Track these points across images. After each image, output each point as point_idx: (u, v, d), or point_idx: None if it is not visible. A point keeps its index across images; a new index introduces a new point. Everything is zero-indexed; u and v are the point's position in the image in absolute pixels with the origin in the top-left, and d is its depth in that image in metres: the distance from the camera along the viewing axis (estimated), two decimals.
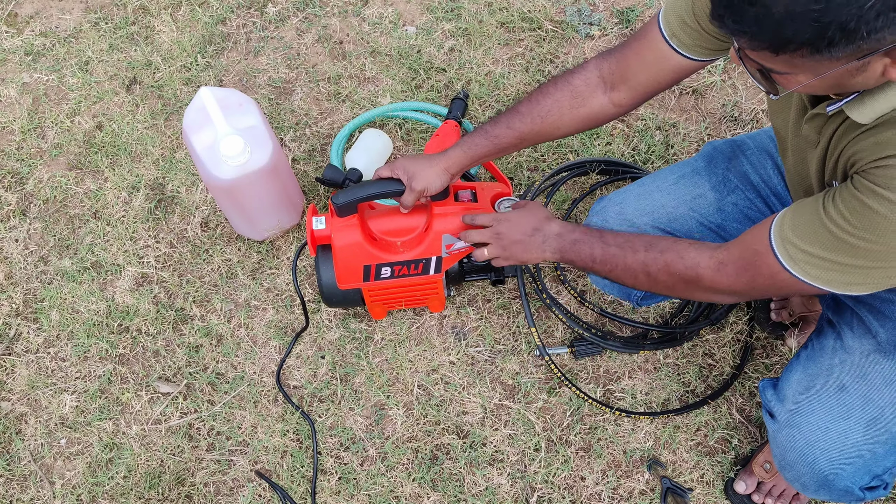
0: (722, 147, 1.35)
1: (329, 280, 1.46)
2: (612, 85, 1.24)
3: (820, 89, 0.87)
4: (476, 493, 1.47)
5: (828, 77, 0.81)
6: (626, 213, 1.32)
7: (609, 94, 1.25)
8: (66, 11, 2.06)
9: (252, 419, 1.54)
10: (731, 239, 1.30)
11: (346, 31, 1.99)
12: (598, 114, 1.27)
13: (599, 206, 1.38)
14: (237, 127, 1.45)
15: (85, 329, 1.63)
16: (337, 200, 1.38)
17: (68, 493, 1.50)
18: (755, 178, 1.30)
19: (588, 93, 1.25)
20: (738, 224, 1.29)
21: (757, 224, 1.03)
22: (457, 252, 1.47)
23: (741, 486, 1.43)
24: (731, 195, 1.29)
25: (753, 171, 1.30)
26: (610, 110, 1.26)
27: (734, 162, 1.32)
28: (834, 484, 1.12)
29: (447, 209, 1.42)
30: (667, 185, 1.33)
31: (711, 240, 1.30)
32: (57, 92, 1.93)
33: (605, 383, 1.56)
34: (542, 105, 1.28)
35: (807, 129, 1.01)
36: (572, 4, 1.99)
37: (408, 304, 1.57)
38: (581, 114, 1.27)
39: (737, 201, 1.29)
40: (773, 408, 1.19)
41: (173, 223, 1.75)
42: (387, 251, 1.44)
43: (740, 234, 1.29)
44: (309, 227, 1.42)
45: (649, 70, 1.19)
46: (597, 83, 1.24)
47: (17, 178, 1.82)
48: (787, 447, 1.14)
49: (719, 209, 1.29)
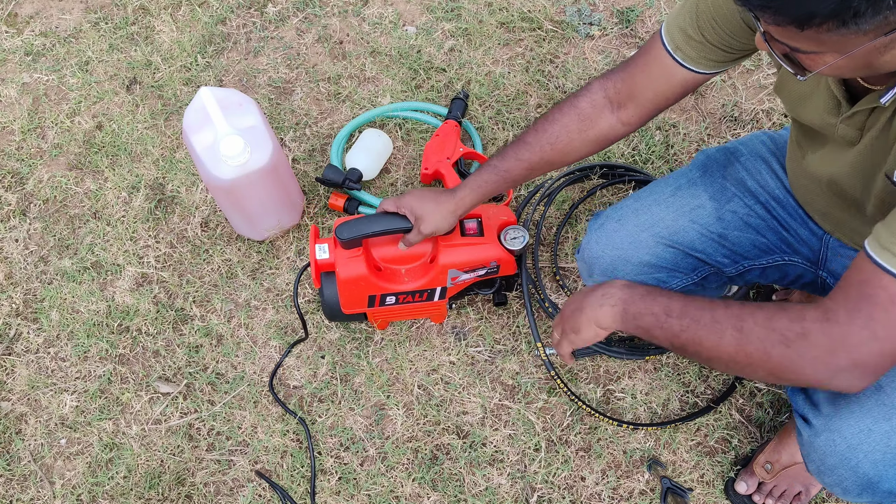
0: (715, 155, 1.33)
1: (333, 304, 1.46)
2: (620, 104, 1.23)
3: (848, 70, 0.84)
4: (476, 493, 1.47)
5: (856, 55, 0.78)
6: (625, 229, 1.29)
7: (617, 114, 1.24)
8: (66, 11, 2.06)
9: (252, 419, 1.54)
10: (733, 247, 1.29)
11: (346, 31, 1.99)
12: (607, 134, 1.26)
13: (597, 223, 1.34)
14: (237, 127, 1.45)
15: (85, 329, 1.63)
16: (342, 235, 1.36)
17: (68, 493, 1.50)
18: (752, 184, 1.28)
19: (595, 114, 1.24)
20: (739, 232, 1.27)
21: (849, 267, 0.91)
22: (462, 283, 1.48)
23: (742, 486, 1.43)
24: (730, 203, 1.27)
25: (749, 177, 1.28)
26: (619, 129, 1.25)
27: (729, 169, 1.30)
28: (878, 486, 1.07)
29: (453, 242, 1.42)
30: (664, 198, 1.30)
31: (714, 249, 1.27)
32: (57, 92, 1.93)
33: (605, 383, 1.56)
34: (549, 132, 1.26)
35: (844, 128, 0.98)
36: (572, 4, 1.99)
37: (409, 318, 1.61)
38: (591, 136, 1.25)
39: (736, 209, 1.27)
40: (807, 413, 1.11)
41: (173, 223, 1.75)
42: (391, 281, 1.45)
43: (742, 242, 1.27)
44: (312, 257, 1.42)
45: (656, 86, 1.18)
46: (603, 104, 1.24)
47: (17, 178, 1.82)
48: (828, 452, 1.08)
49: (719, 218, 1.27)
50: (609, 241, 1.29)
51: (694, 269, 1.29)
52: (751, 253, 1.28)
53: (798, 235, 1.26)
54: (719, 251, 1.27)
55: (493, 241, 1.44)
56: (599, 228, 1.32)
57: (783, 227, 1.26)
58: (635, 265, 1.27)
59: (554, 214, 1.74)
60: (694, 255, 1.27)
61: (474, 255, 1.44)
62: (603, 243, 1.30)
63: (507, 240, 1.45)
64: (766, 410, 1.53)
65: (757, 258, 1.29)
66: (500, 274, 1.50)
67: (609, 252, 1.29)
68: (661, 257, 1.27)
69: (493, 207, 1.50)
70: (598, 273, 1.31)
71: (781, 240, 1.27)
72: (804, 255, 1.27)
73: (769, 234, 1.27)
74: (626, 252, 1.28)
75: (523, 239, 1.45)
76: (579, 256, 1.37)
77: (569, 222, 1.72)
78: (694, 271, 1.29)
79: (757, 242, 1.27)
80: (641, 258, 1.27)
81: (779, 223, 1.26)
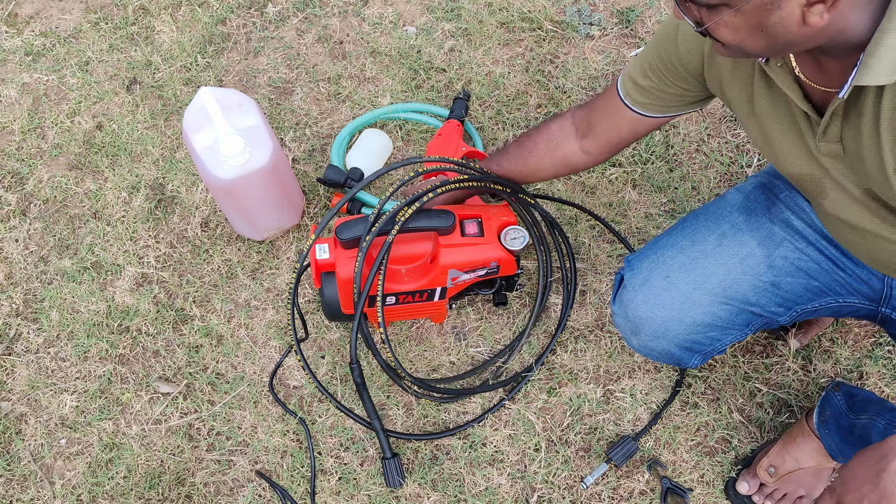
0: (754, 194, 1.25)
1: (333, 302, 1.46)
2: (583, 133, 1.34)
3: (748, 37, 0.84)
4: (476, 493, 1.47)
5: (747, 12, 0.80)
6: (676, 288, 1.21)
7: (580, 142, 1.35)
8: (66, 11, 2.06)
9: (252, 419, 1.54)
10: (786, 295, 1.21)
11: (346, 31, 1.99)
12: (570, 158, 1.37)
13: (638, 278, 1.25)
14: (237, 127, 1.45)
15: (85, 329, 1.63)
16: (342, 236, 1.37)
17: (68, 493, 1.50)
18: (799, 225, 1.21)
19: (562, 138, 1.36)
20: (791, 278, 1.20)
21: None
22: (462, 283, 1.48)
23: (744, 486, 1.42)
24: (780, 248, 1.20)
25: (795, 216, 1.21)
26: (580, 157, 1.36)
27: (773, 210, 1.23)
28: None
29: (453, 242, 1.43)
30: (710, 249, 1.22)
31: (767, 300, 1.21)
32: (57, 92, 1.93)
33: (605, 383, 1.56)
34: (524, 147, 1.39)
35: (825, 146, 0.97)
36: (572, 4, 1.99)
37: (409, 318, 1.61)
38: (556, 157, 1.37)
39: (786, 254, 1.20)
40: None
41: (173, 223, 1.75)
42: (391, 280, 1.44)
43: (795, 288, 1.21)
44: (312, 257, 1.42)
45: (610, 122, 1.28)
46: (570, 129, 1.35)
47: (17, 178, 1.82)
48: None
49: (770, 266, 1.20)
50: (659, 301, 1.22)
51: (748, 324, 1.25)
52: (803, 298, 1.22)
53: (856, 275, 1.20)
54: (773, 301, 1.22)
55: (493, 242, 1.44)
56: (644, 286, 1.24)
57: (838, 267, 1.20)
58: (689, 325, 1.22)
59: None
60: (749, 310, 1.22)
61: (474, 256, 1.44)
62: (652, 304, 1.23)
63: (507, 240, 1.45)
64: (766, 410, 1.53)
65: (810, 302, 1.23)
66: (501, 274, 1.50)
67: (660, 313, 1.22)
68: (717, 316, 1.22)
69: (494, 208, 1.50)
70: (647, 334, 1.25)
71: (836, 281, 1.21)
72: (863, 293, 1.21)
73: (822, 276, 1.21)
74: (678, 313, 1.21)
75: (523, 239, 1.45)
76: (619, 311, 1.28)
77: None
78: (748, 326, 1.25)
79: (810, 286, 1.21)
80: (696, 318, 1.21)
81: (833, 264, 1.20)
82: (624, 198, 1.74)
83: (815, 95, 0.96)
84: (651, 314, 1.23)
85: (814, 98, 0.97)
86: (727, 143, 1.79)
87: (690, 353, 1.27)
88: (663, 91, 1.19)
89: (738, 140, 1.80)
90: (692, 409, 1.53)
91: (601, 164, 1.76)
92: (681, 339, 1.24)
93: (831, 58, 0.89)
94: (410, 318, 1.61)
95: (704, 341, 1.25)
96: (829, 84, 0.93)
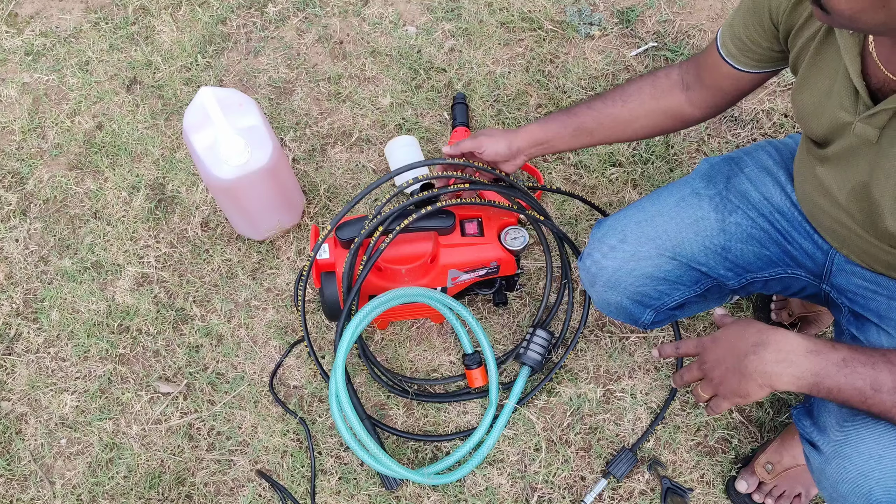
0: (719, 165, 1.31)
1: (333, 303, 1.46)
2: (688, 85, 1.29)
3: (869, 14, 0.79)
4: (476, 493, 1.47)
5: None
6: (628, 240, 1.28)
7: (686, 94, 1.29)
8: (67, 11, 2.06)
9: (252, 419, 1.54)
10: (736, 260, 1.26)
11: (347, 31, 1.99)
12: (675, 109, 1.31)
13: (599, 232, 1.33)
14: (237, 127, 1.45)
15: (85, 329, 1.63)
16: (342, 236, 1.37)
17: (68, 493, 1.50)
18: (756, 196, 1.26)
19: (669, 87, 1.30)
20: (742, 244, 1.25)
21: None
22: (462, 283, 1.48)
23: (742, 485, 1.43)
24: (733, 215, 1.25)
25: (753, 188, 1.26)
26: (687, 109, 1.30)
27: (733, 181, 1.28)
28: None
29: (453, 242, 1.42)
30: (667, 209, 1.28)
31: (716, 262, 1.25)
32: (57, 92, 1.93)
33: (605, 383, 1.56)
34: (625, 90, 1.32)
35: (862, 126, 0.97)
36: (572, 4, 1.99)
37: (409, 318, 1.61)
38: (661, 105, 1.31)
39: (739, 221, 1.25)
40: (815, 438, 1.08)
41: (173, 223, 1.75)
42: (392, 280, 1.44)
43: (745, 254, 1.25)
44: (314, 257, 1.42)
45: (713, 75, 1.24)
46: (676, 80, 1.30)
47: (17, 178, 1.82)
48: (839, 479, 1.05)
49: (722, 230, 1.25)
50: (612, 252, 1.29)
51: (696, 282, 1.28)
52: (754, 266, 1.27)
53: (802, 249, 1.24)
54: (722, 264, 1.26)
55: (493, 242, 1.44)
56: (602, 238, 1.31)
57: (787, 239, 1.25)
58: (638, 277, 1.27)
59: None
60: (696, 268, 1.26)
61: (474, 256, 1.44)
62: (605, 254, 1.29)
63: (508, 240, 1.45)
64: (766, 410, 1.53)
65: (759, 271, 1.28)
66: (501, 274, 1.50)
67: (612, 263, 1.28)
68: (664, 270, 1.26)
69: (497, 209, 1.50)
70: (601, 283, 1.31)
71: (785, 252, 1.26)
72: (808, 268, 1.25)
73: (772, 246, 1.26)
74: (628, 264, 1.27)
75: (524, 239, 1.45)
76: (581, 265, 1.35)
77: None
78: (696, 284, 1.29)
79: (760, 255, 1.26)
80: (644, 270, 1.26)
81: (782, 236, 1.25)
82: (624, 198, 1.74)
83: (877, 77, 0.95)
84: (604, 264, 1.29)
85: (874, 79, 0.95)
86: (727, 143, 1.79)
87: (642, 306, 1.31)
88: (755, 43, 1.15)
89: (738, 140, 1.80)
90: (692, 409, 1.53)
91: (602, 165, 1.77)
92: (631, 290, 1.29)
93: None
94: (410, 318, 1.61)
95: (654, 294, 1.29)
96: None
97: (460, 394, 1.54)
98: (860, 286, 1.16)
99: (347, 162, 1.81)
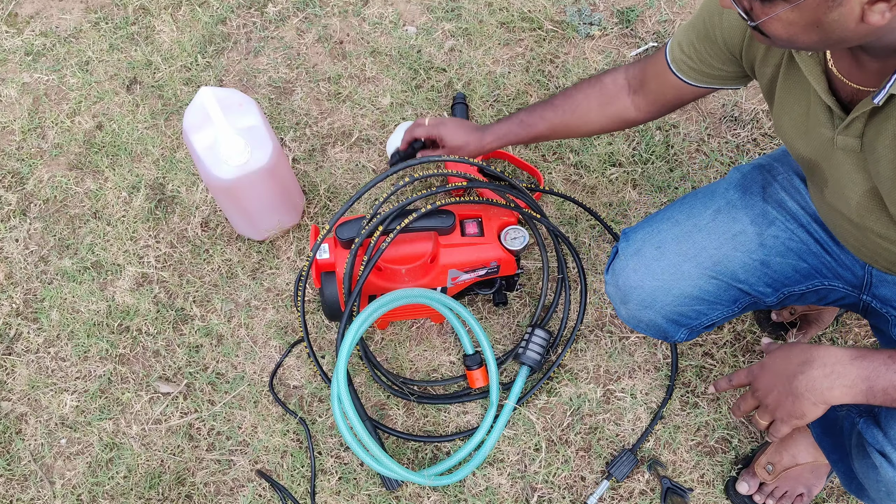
0: (752, 174, 1.27)
1: (333, 303, 1.46)
2: (635, 89, 1.32)
3: (802, 32, 0.83)
4: (476, 493, 1.47)
5: (804, 7, 0.79)
6: (666, 258, 1.23)
7: (632, 97, 1.33)
8: (66, 11, 2.06)
9: (252, 419, 1.54)
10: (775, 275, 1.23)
11: (347, 31, 1.99)
12: (622, 114, 1.35)
13: (632, 247, 1.26)
14: (237, 127, 1.45)
15: (85, 329, 1.63)
16: (342, 235, 1.37)
17: (68, 493, 1.50)
18: (792, 206, 1.22)
19: (615, 92, 1.34)
20: (781, 258, 1.22)
21: None
22: (462, 283, 1.48)
23: (744, 486, 1.42)
24: (771, 227, 1.22)
25: (789, 197, 1.23)
26: (632, 113, 1.34)
27: (768, 190, 1.24)
28: None
29: (453, 242, 1.42)
30: (704, 223, 1.23)
31: (756, 279, 1.22)
32: (57, 92, 1.93)
33: (605, 383, 1.56)
34: (573, 99, 1.36)
35: (843, 139, 0.97)
36: (572, 4, 1.99)
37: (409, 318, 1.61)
38: (608, 112, 1.35)
39: (777, 234, 1.21)
40: (886, 448, 1.04)
41: (173, 223, 1.75)
42: (392, 280, 1.44)
43: (784, 268, 1.23)
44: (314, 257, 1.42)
45: (658, 82, 1.27)
46: (623, 84, 1.33)
47: (17, 178, 1.82)
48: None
49: (761, 244, 1.21)
50: (648, 270, 1.23)
51: (735, 301, 1.25)
52: (792, 279, 1.23)
53: (841, 260, 1.21)
54: (762, 280, 1.23)
55: (493, 242, 1.44)
56: (636, 254, 1.25)
57: (825, 250, 1.22)
58: (676, 297, 1.23)
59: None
60: (737, 287, 1.23)
61: (474, 256, 1.44)
62: (642, 272, 1.24)
63: (507, 240, 1.45)
64: None
65: (797, 284, 1.24)
66: (501, 274, 1.50)
67: (649, 282, 1.23)
68: (705, 290, 1.22)
69: (494, 208, 1.50)
70: (635, 303, 1.26)
71: (823, 264, 1.22)
72: (847, 279, 1.22)
73: (811, 258, 1.22)
74: (667, 283, 1.22)
75: (523, 239, 1.45)
76: (611, 280, 1.29)
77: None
78: (735, 303, 1.26)
79: (798, 268, 1.23)
80: (684, 290, 1.22)
81: (821, 247, 1.22)
82: (624, 198, 1.74)
83: (845, 90, 0.95)
84: (640, 282, 1.24)
85: (841, 92, 0.96)
86: (727, 143, 1.79)
87: (677, 325, 1.28)
88: (704, 62, 1.17)
89: (738, 140, 1.80)
90: (692, 409, 1.53)
91: (602, 165, 1.77)
92: (668, 310, 1.24)
93: (872, 57, 0.88)
94: (410, 318, 1.61)
95: (691, 314, 1.25)
96: (863, 82, 0.92)
97: (461, 394, 1.54)
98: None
99: (347, 162, 1.81)
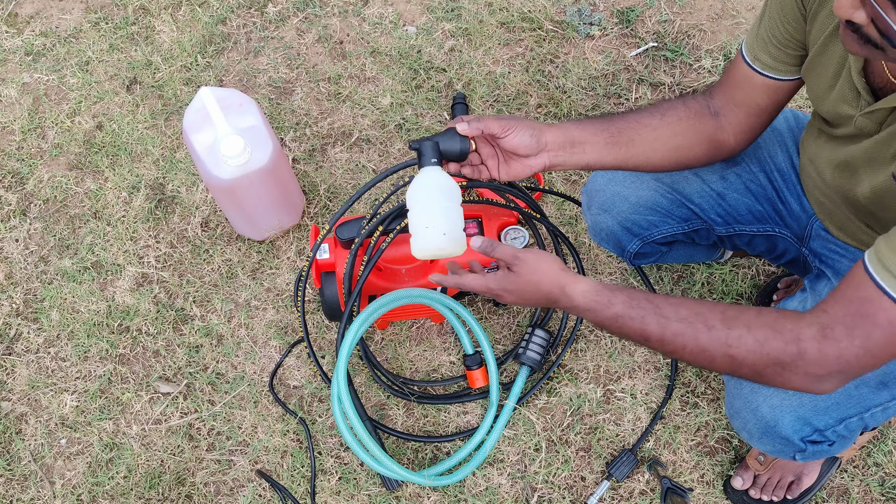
0: None
1: (333, 303, 1.46)
2: (716, 111, 1.19)
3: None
4: (476, 493, 1.47)
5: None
6: None
7: (716, 119, 1.19)
8: (67, 11, 2.06)
9: (252, 419, 1.54)
10: (729, 209, 1.31)
11: (347, 31, 1.99)
12: (710, 134, 1.19)
13: None
14: (237, 127, 1.45)
15: (85, 329, 1.63)
16: (342, 235, 1.37)
17: (68, 493, 1.50)
18: (761, 153, 1.30)
19: (699, 109, 1.19)
20: (738, 195, 1.30)
21: (845, 275, 0.90)
22: None
23: (738, 481, 1.43)
24: (736, 166, 1.30)
25: (762, 145, 1.31)
26: (720, 135, 1.19)
27: None
28: (776, 431, 1.10)
29: None
30: None
31: (710, 206, 1.31)
32: (57, 92, 1.93)
33: (605, 383, 1.56)
34: (659, 105, 1.19)
35: (862, 120, 0.99)
36: (572, 4, 1.99)
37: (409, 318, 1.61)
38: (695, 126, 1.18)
39: (740, 172, 1.30)
40: None
41: (173, 223, 1.75)
42: (392, 280, 1.44)
43: (739, 205, 1.31)
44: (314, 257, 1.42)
45: (746, 91, 1.15)
46: (704, 105, 1.19)
47: (17, 178, 1.82)
48: (734, 394, 1.16)
49: (722, 177, 1.30)
50: (613, 176, 1.34)
51: (686, 220, 1.34)
52: (745, 218, 1.32)
53: (790, 209, 1.29)
54: (715, 209, 1.31)
55: None
56: None
57: (780, 198, 1.30)
58: (632, 204, 1.32)
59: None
60: (689, 207, 1.31)
61: (474, 256, 1.44)
62: (607, 178, 1.35)
63: (507, 240, 1.45)
64: None
65: (749, 224, 1.33)
66: None
67: (610, 186, 1.33)
68: (659, 203, 1.31)
69: (494, 208, 1.50)
70: (596, 206, 1.36)
71: (775, 211, 1.31)
72: (793, 229, 1.31)
73: (765, 202, 1.30)
74: (626, 189, 1.32)
75: (523, 239, 1.45)
76: (584, 189, 1.40)
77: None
78: (686, 221, 1.34)
79: (752, 209, 1.31)
80: (640, 197, 1.31)
81: (777, 194, 1.30)
82: None
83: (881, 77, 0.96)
84: (603, 186, 1.35)
85: (877, 77, 0.96)
86: None
87: (630, 234, 1.35)
88: (792, 42, 1.08)
89: None
90: (692, 409, 1.53)
91: None
92: (623, 216, 1.33)
93: None
94: (410, 318, 1.61)
95: (643, 223, 1.34)
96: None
97: (461, 395, 1.54)
98: (832, 251, 1.23)
99: (347, 162, 1.81)
